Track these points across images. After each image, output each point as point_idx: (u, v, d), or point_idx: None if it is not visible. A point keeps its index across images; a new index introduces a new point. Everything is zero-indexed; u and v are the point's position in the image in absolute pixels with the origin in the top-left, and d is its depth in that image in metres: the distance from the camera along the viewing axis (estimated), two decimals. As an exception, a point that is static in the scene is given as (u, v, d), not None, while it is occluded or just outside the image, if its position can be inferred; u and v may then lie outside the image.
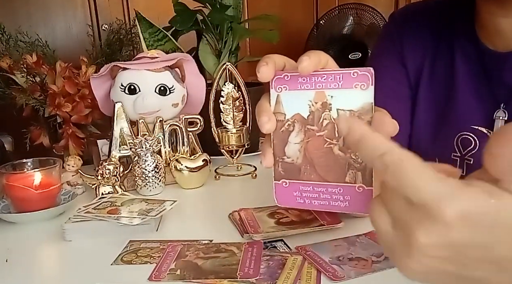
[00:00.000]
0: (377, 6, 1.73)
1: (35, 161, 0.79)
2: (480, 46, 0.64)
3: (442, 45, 0.68)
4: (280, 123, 0.45)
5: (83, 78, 1.02)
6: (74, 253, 0.63)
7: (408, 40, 0.71)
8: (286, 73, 0.44)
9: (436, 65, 0.69)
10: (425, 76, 0.70)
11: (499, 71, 0.62)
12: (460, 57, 0.66)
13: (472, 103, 0.65)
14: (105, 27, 1.62)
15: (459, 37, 0.67)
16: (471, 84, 0.65)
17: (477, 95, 0.64)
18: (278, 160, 0.46)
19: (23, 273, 0.58)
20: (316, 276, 0.51)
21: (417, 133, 0.70)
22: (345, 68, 0.42)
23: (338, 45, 1.73)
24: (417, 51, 0.70)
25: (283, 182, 0.46)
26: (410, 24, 0.73)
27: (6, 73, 1.03)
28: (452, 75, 0.67)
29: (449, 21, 0.69)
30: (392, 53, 0.72)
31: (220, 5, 1.12)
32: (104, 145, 0.93)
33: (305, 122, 0.44)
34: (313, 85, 0.43)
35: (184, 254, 0.58)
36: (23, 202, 0.74)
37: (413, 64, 0.71)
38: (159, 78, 0.90)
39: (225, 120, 0.93)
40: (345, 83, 0.42)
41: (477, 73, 0.64)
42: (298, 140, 0.44)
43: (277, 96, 0.44)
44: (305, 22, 1.87)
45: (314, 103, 0.43)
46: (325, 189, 0.44)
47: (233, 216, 0.70)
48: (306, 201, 0.46)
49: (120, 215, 0.67)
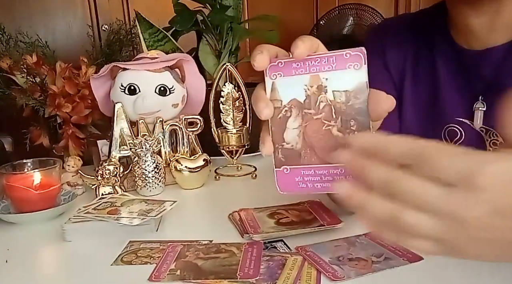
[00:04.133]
0: (377, 6, 1.72)
1: (35, 161, 0.79)
2: (456, 47, 0.69)
3: (422, 50, 0.74)
4: (277, 110, 0.45)
5: (83, 78, 1.02)
6: (74, 253, 0.63)
7: (390, 48, 0.77)
8: (280, 60, 0.44)
9: (418, 67, 0.74)
10: (408, 79, 0.74)
11: (476, 67, 0.67)
12: (439, 58, 0.71)
13: (454, 98, 0.69)
14: (105, 27, 1.62)
15: (436, 41, 0.72)
16: (452, 80, 0.70)
17: (458, 90, 0.69)
18: (278, 147, 0.46)
19: (23, 273, 0.58)
20: (316, 276, 0.51)
21: (406, 128, 0.74)
22: (337, 50, 0.43)
23: (338, 45, 1.72)
24: (398, 56, 0.76)
25: (284, 168, 0.46)
26: (390, 33, 0.78)
27: (6, 73, 1.03)
28: (434, 75, 0.71)
29: (426, 28, 0.74)
30: (376, 59, 0.77)
31: (220, 6, 1.12)
32: (104, 145, 0.93)
33: (302, 107, 0.44)
34: (307, 70, 0.43)
35: (184, 254, 0.58)
36: (23, 202, 0.74)
37: (396, 68, 0.76)
38: (159, 78, 0.90)
39: (225, 120, 0.93)
40: (338, 64, 0.42)
41: (457, 71, 0.69)
42: (296, 125, 0.45)
43: (272, 84, 0.44)
44: (305, 22, 1.87)
45: (309, 87, 0.43)
46: (327, 171, 0.44)
47: (233, 216, 0.70)
48: (308, 185, 0.45)
49: (120, 215, 0.67)
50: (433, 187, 0.32)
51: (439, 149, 0.32)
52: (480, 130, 0.66)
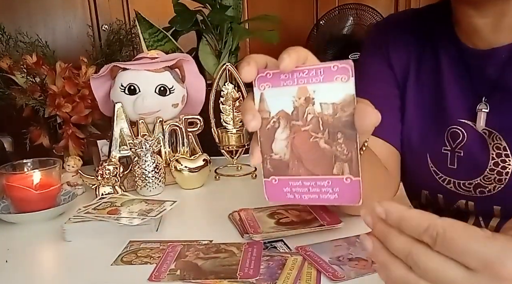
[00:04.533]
0: (377, 6, 1.72)
1: (35, 161, 0.79)
2: (461, 46, 0.67)
3: (426, 48, 0.72)
4: (265, 120, 0.45)
5: (83, 78, 1.02)
6: (74, 253, 0.63)
7: (393, 46, 0.75)
8: (268, 71, 0.44)
9: (422, 67, 0.72)
10: (412, 78, 0.73)
11: (481, 67, 0.65)
12: (444, 58, 0.69)
13: (457, 98, 0.68)
14: (105, 27, 1.62)
15: (441, 39, 0.70)
16: (456, 81, 0.68)
17: (462, 90, 0.67)
18: (266, 157, 0.46)
19: (23, 273, 0.58)
20: (316, 276, 0.51)
21: (408, 128, 0.73)
22: (325, 62, 0.43)
23: (338, 45, 1.72)
24: (402, 55, 0.74)
25: (272, 179, 0.46)
26: (393, 31, 0.76)
27: (6, 73, 1.03)
28: (437, 74, 0.70)
29: (430, 26, 0.73)
30: (379, 57, 0.76)
31: (220, 6, 1.12)
32: (104, 145, 0.93)
33: (290, 118, 0.44)
34: (295, 81, 0.43)
35: (184, 254, 0.58)
36: (23, 202, 0.74)
37: (399, 67, 0.74)
38: (159, 78, 0.90)
39: (225, 120, 0.93)
40: (326, 77, 0.42)
41: (461, 70, 0.68)
42: (284, 136, 0.45)
43: (261, 94, 0.45)
44: (305, 22, 1.87)
45: (297, 98, 0.44)
46: (314, 182, 0.45)
47: (233, 216, 0.70)
48: (296, 196, 0.46)
49: (120, 215, 0.67)
50: (456, 268, 0.32)
51: (461, 231, 0.32)
52: (483, 133, 0.64)
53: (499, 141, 0.63)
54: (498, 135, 0.64)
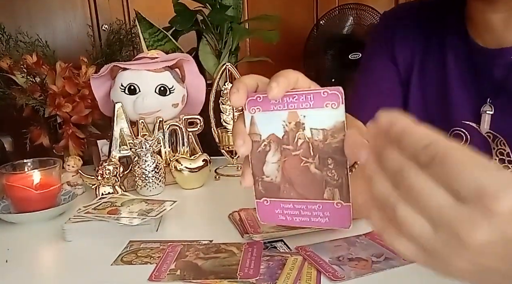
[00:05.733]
0: (377, 6, 1.72)
1: (35, 161, 0.79)
2: (470, 43, 0.65)
3: (433, 43, 0.70)
4: (256, 143, 0.45)
5: (83, 78, 1.02)
6: (74, 253, 0.63)
7: (399, 39, 0.72)
8: (259, 94, 0.44)
9: (426, 62, 0.70)
10: (416, 74, 0.71)
11: (489, 67, 0.63)
12: (451, 55, 0.67)
13: (462, 99, 0.66)
14: (105, 27, 1.62)
15: (450, 34, 0.68)
16: (462, 78, 0.66)
17: (467, 89, 0.66)
18: (258, 179, 0.46)
19: (23, 273, 0.58)
20: (316, 277, 0.51)
21: None
22: (315, 88, 0.43)
23: (338, 45, 1.72)
24: (407, 49, 0.72)
25: (264, 200, 0.47)
26: (400, 23, 0.74)
27: (6, 73, 1.03)
28: (443, 72, 0.68)
29: (440, 19, 0.70)
30: (383, 53, 0.74)
31: (220, 5, 1.12)
32: (104, 145, 0.93)
33: (281, 142, 0.44)
34: (285, 106, 0.43)
35: (184, 254, 0.58)
36: (23, 202, 0.74)
37: (403, 61, 0.72)
38: (159, 78, 0.90)
39: (225, 120, 0.93)
40: (316, 102, 0.42)
41: (467, 70, 0.66)
42: (275, 160, 0.45)
43: (252, 118, 0.44)
44: (305, 22, 1.87)
45: (288, 123, 0.43)
46: (305, 206, 0.45)
47: (233, 216, 0.70)
48: (287, 218, 0.46)
49: (120, 215, 0.67)
50: (442, 195, 0.28)
51: (463, 156, 0.28)
52: (486, 136, 0.63)
53: (503, 146, 0.63)
54: (502, 139, 0.62)
